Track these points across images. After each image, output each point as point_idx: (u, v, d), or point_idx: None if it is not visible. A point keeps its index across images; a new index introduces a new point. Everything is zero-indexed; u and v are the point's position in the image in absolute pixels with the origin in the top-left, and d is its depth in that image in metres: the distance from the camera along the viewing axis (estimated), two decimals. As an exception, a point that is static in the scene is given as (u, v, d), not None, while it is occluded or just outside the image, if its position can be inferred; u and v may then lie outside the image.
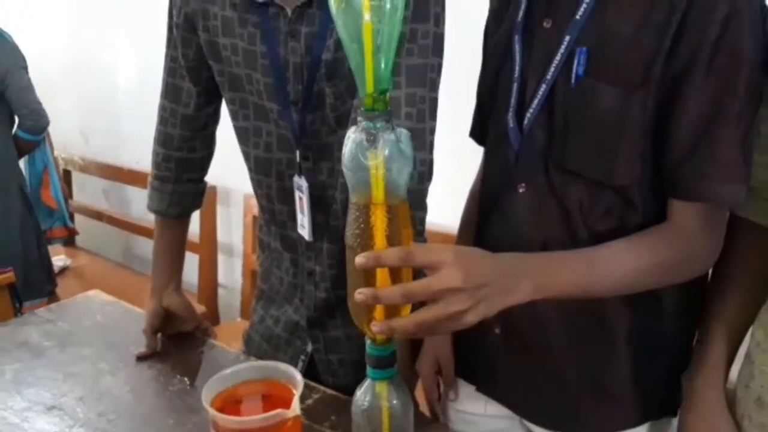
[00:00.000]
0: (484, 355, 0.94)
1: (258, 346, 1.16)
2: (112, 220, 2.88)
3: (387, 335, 0.62)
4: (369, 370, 0.65)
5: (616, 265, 0.74)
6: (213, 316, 2.43)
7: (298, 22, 0.90)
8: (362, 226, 0.60)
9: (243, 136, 1.03)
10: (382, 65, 0.58)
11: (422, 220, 0.96)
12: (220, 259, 2.50)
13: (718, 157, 0.73)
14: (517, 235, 0.84)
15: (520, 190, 0.85)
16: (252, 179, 1.07)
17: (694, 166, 0.74)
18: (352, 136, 0.59)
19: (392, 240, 0.60)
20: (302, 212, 0.97)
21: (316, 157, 0.97)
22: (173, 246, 1.22)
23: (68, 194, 2.82)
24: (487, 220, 0.92)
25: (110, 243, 3.09)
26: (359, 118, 0.59)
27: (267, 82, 0.94)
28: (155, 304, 1.16)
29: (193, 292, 2.50)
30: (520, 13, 0.85)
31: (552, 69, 0.79)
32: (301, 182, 0.97)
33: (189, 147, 1.11)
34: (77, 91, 3.06)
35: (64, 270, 2.74)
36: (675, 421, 0.90)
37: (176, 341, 1.18)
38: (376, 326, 0.61)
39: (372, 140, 0.58)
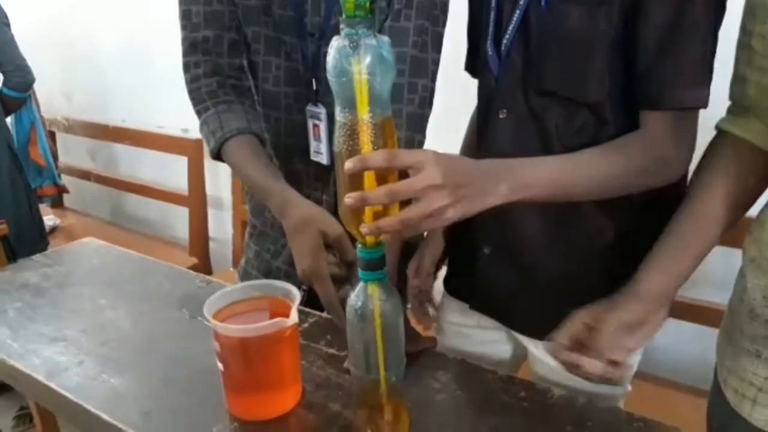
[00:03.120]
0: (475, 274, 0.98)
1: (256, 279, 1.18)
2: (100, 179, 2.88)
3: (376, 235, 0.65)
4: (360, 272, 0.68)
5: (590, 168, 0.78)
6: (205, 267, 2.46)
7: None
8: (349, 132, 0.63)
9: (253, 71, 1.06)
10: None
11: (420, 144, 1.01)
12: (210, 212, 2.53)
13: (681, 65, 0.77)
14: (499, 157, 0.87)
15: (501, 116, 0.89)
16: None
17: (660, 74, 0.77)
18: (335, 44, 0.61)
19: (378, 145, 0.63)
20: (318, 139, 0.99)
21: (328, 90, 0.98)
22: (269, 164, 1.02)
23: (55, 154, 2.81)
24: (476, 148, 0.96)
25: (98, 202, 3.10)
26: (341, 26, 0.61)
27: (284, 14, 0.97)
28: (311, 238, 0.84)
29: (184, 246, 2.53)
30: None
31: None
32: (318, 110, 1.00)
33: (237, 75, 1.07)
34: (57, 50, 3.02)
35: (53, 230, 2.75)
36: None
37: (173, 279, 1.21)
38: (365, 228, 0.64)
39: (354, 47, 0.60)
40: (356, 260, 0.68)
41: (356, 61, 0.60)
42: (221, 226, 2.61)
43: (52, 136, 2.95)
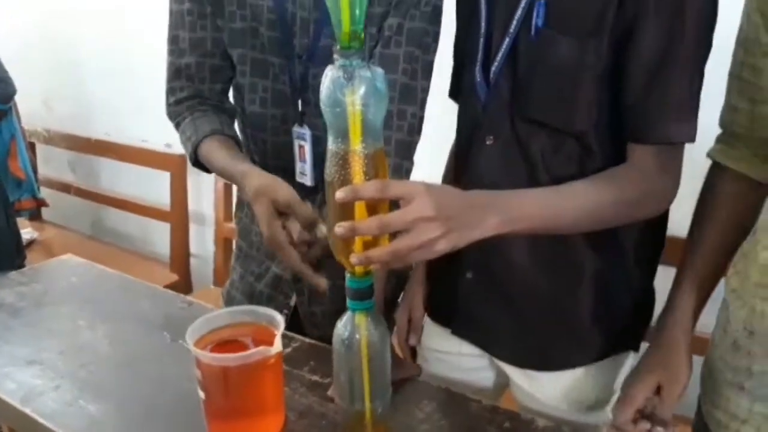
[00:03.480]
0: (457, 299, 0.98)
1: (239, 303, 1.17)
2: (80, 192, 2.84)
3: (365, 266, 0.65)
4: (348, 301, 0.67)
5: (578, 200, 0.78)
6: (186, 285, 2.43)
7: None
8: (341, 162, 0.63)
9: (238, 93, 1.06)
10: (358, 3, 0.59)
11: (408, 171, 1.01)
12: (192, 228, 2.50)
13: (669, 99, 0.78)
14: (485, 185, 0.87)
15: (488, 143, 0.89)
16: (244, 137, 1.09)
17: (647, 109, 0.78)
18: (329, 74, 0.61)
19: (369, 175, 0.63)
20: (303, 160, 1.00)
21: (315, 112, 0.99)
22: (238, 153, 1.03)
23: (35, 166, 2.77)
24: (460, 174, 0.96)
25: (78, 215, 3.05)
26: (335, 56, 0.61)
27: (272, 36, 0.97)
28: (264, 208, 0.84)
29: (165, 262, 2.50)
30: None
31: (514, 22, 0.83)
32: (303, 131, 1.00)
33: (219, 99, 1.09)
34: (38, 60, 2.99)
35: (30, 243, 2.70)
36: (633, 356, 0.96)
37: (154, 299, 1.19)
38: (355, 258, 0.64)
39: (348, 77, 0.60)
40: (314, 221, 0.67)
41: (350, 91, 0.60)
42: (203, 242, 2.59)
43: (31, 147, 2.90)
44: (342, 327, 0.68)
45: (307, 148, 1.01)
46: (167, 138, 2.46)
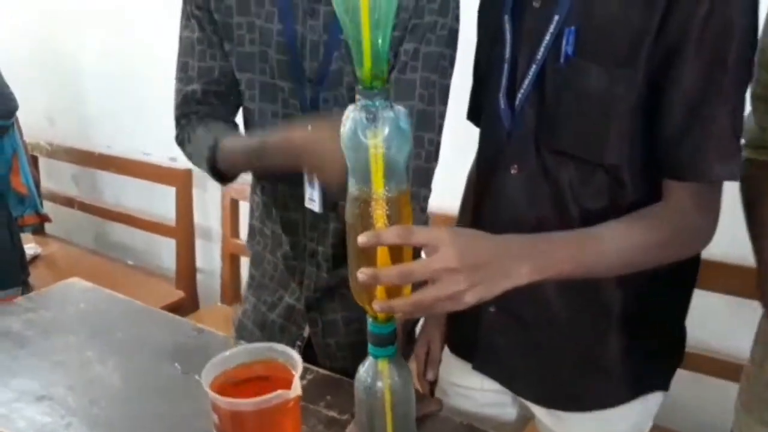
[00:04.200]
0: (479, 333, 0.95)
1: (251, 333, 1.15)
2: (84, 207, 2.82)
3: (387, 314, 0.62)
4: (370, 347, 0.65)
5: (614, 244, 0.73)
6: (192, 302, 2.40)
7: (317, 1, 0.91)
8: (362, 205, 0.60)
9: (247, 119, 1.04)
10: (380, 42, 0.57)
11: (426, 198, 0.99)
12: (198, 242, 2.48)
13: (711, 135, 0.73)
14: (510, 215, 0.85)
15: (513, 171, 0.85)
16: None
17: (687, 145, 0.73)
18: (351, 115, 0.59)
19: (392, 219, 0.60)
20: (312, 186, 0.98)
21: None
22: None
23: (38, 180, 2.75)
24: (482, 202, 0.93)
25: (81, 229, 3.03)
26: (357, 96, 0.59)
27: (281, 59, 0.95)
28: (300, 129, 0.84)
29: (171, 277, 2.48)
30: None
31: (542, 49, 0.79)
32: None
33: (225, 117, 1.07)
34: (41, 73, 2.97)
35: (34, 258, 2.67)
36: (661, 395, 0.92)
37: (163, 326, 1.17)
38: (377, 305, 0.62)
39: (371, 118, 0.58)
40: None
41: (373, 134, 0.58)
42: (210, 256, 2.56)
43: (34, 161, 2.88)
44: (364, 373, 0.66)
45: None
46: (171, 152, 2.43)
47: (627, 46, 0.73)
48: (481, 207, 0.92)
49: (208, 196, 2.44)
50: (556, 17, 0.77)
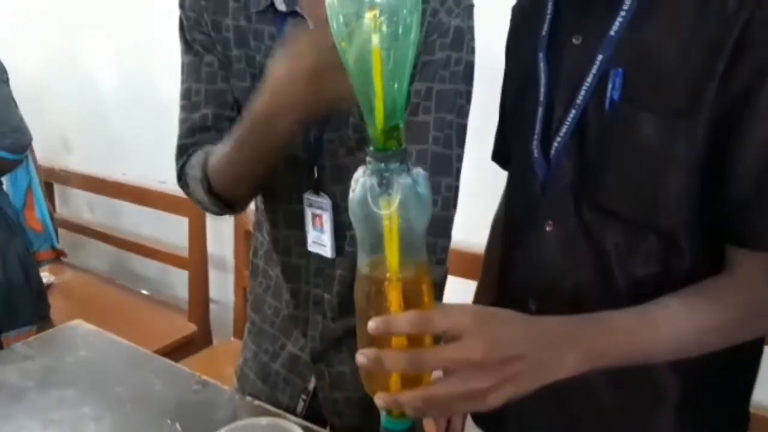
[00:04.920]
0: (506, 406, 0.85)
1: (253, 384, 1.08)
2: (99, 235, 2.78)
3: (393, 409, 0.53)
4: (383, 442, 0.57)
5: (675, 327, 0.63)
6: (205, 335, 2.34)
7: None
8: (374, 285, 0.52)
9: None
10: (395, 96, 0.49)
11: (444, 249, 0.90)
12: (212, 273, 2.42)
13: None
14: (544, 278, 0.76)
15: (548, 229, 0.76)
16: (257, 205, 1.02)
17: (760, 210, 0.63)
18: (360, 180, 0.51)
19: (409, 300, 0.52)
20: (320, 230, 0.91)
21: (329, 179, 0.91)
22: None
23: (52, 209, 2.72)
24: (511, 260, 0.83)
25: (97, 258, 2.99)
26: (369, 159, 0.51)
27: None
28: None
29: (183, 309, 2.41)
30: (545, 27, 0.76)
31: (582, 92, 0.70)
32: (320, 200, 0.91)
33: None
34: (57, 98, 2.96)
35: (48, 287, 2.64)
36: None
37: (166, 378, 1.10)
38: (381, 398, 0.53)
39: (385, 184, 0.50)
40: None
41: (386, 204, 0.49)
42: (224, 288, 2.50)
43: (49, 188, 2.86)
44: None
45: (326, 217, 0.92)
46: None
47: (686, 92, 0.63)
48: (511, 266, 0.83)
49: (223, 226, 2.39)
50: (600, 57, 0.68)
